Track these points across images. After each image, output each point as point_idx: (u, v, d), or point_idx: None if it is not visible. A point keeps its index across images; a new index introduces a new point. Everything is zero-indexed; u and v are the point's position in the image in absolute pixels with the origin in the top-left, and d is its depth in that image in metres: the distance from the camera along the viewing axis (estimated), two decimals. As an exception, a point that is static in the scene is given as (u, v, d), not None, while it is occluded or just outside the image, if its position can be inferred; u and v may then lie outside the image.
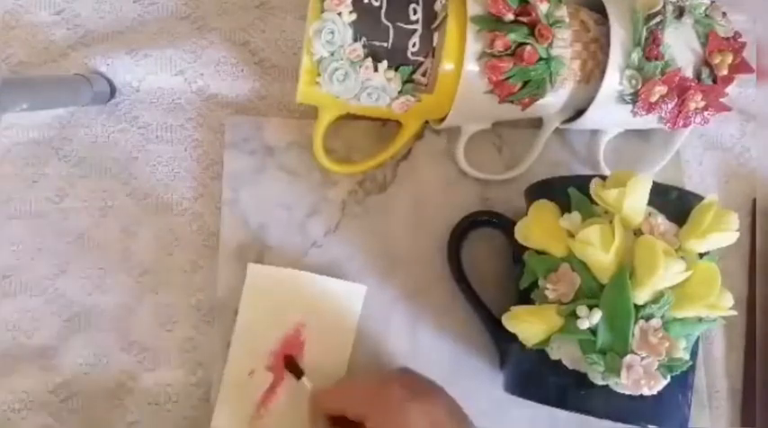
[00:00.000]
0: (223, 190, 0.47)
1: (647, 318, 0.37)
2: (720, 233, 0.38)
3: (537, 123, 0.49)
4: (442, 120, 0.46)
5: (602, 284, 0.38)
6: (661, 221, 0.38)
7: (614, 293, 0.37)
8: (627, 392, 0.37)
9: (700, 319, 0.38)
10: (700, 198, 0.40)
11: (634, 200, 0.38)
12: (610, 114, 0.45)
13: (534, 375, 0.41)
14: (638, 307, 0.37)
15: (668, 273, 0.36)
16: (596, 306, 0.37)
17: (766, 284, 0.51)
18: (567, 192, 0.40)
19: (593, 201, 0.39)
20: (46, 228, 0.46)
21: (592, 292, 0.38)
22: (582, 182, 0.40)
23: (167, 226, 0.47)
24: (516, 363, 0.43)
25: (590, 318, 0.37)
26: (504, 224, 0.45)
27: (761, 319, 0.50)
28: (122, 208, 0.47)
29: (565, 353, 0.38)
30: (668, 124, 0.46)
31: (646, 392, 0.37)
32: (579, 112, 0.46)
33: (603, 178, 0.39)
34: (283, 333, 0.45)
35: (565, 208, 0.40)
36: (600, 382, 0.37)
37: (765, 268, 0.51)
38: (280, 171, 0.48)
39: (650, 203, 0.38)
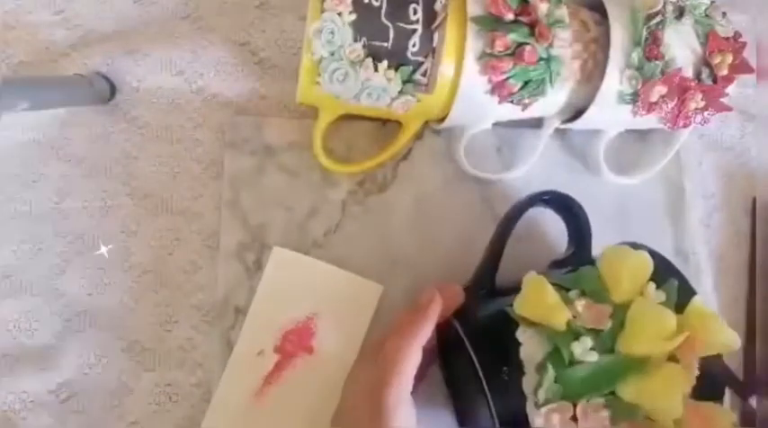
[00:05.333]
0: (223, 190, 0.47)
1: (607, 406, 0.35)
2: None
3: (537, 123, 0.48)
4: (442, 120, 0.46)
5: (614, 350, 0.35)
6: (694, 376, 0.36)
7: (617, 367, 0.35)
8: (530, 418, 0.35)
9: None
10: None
11: (711, 341, 0.35)
12: (610, 114, 0.45)
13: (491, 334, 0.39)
14: (614, 393, 0.35)
15: (667, 412, 0.34)
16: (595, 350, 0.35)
17: (766, 284, 0.51)
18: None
19: (679, 311, 0.37)
20: (46, 228, 0.46)
21: (604, 345, 0.35)
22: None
23: (167, 226, 0.47)
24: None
25: (584, 354, 0.35)
26: (564, 203, 0.43)
27: (761, 319, 0.50)
28: (122, 208, 0.47)
29: (530, 343, 0.36)
30: (668, 124, 0.46)
31: None
32: (579, 112, 0.46)
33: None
34: (296, 318, 0.45)
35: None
36: (525, 390, 0.36)
37: (765, 268, 0.51)
38: (280, 171, 0.48)
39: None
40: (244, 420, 0.44)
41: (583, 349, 0.35)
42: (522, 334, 0.37)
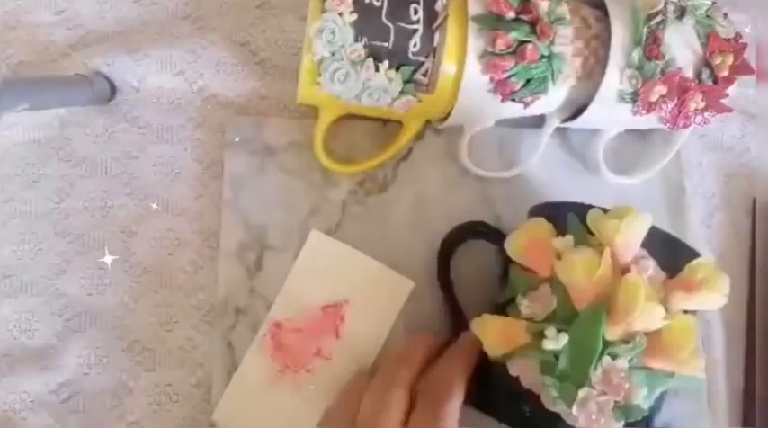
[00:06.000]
0: (223, 190, 0.47)
1: (614, 357, 0.36)
2: (708, 293, 0.37)
3: (537, 122, 0.49)
4: (444, 119, 0.46)
5: (576, 311, 0.37)
6: (651, 266, 0.37)
7: (586, 322, 0.36)
8: (575, 425, 0.36)
9: (668, 375, 0.37)
10: (696, 254, 0.39)
11: (628, 236, 0.37)
12: (610, 113, 0.45)
13: (494, 389, 0.40)
14: (607, 343, 0.35)
15: (646, 316, 0.35)
16: (565, 330, 0.36)
17: (766, 284, 0.51)
18: (567, 217, 0.40)
19: (591, 232, 0.38)
20: (46, 228, 0.46)
21: (565, 317, 0.37)
22: (585, 211, 0.39)
23: (167, 226, 0.47)
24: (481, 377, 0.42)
25: (557, 341, 0.36)
26: (496, 237, 0.44)
27: (761, 319, 0.50)
28: (122, 208, 0.47)
29: (523, 371, 0.37)
30: (668, 124, 0.46)
31: None
32: (579, 110, 0.46)
33: (605, 211, 0.38)
34: (326, 302, 0.45)
35: (562, 232, 0.39)
36: (552, 407, 0.36)
37: (765, 268, 0.51)
38: (280, 171, 0.48)
39: (646, 246, 0.38)
40: (261, 404, 0.44)
41: (552, 339, 0.36)
42: (513, 369, 0.38)
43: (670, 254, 0.39)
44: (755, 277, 0.51)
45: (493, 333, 0.39)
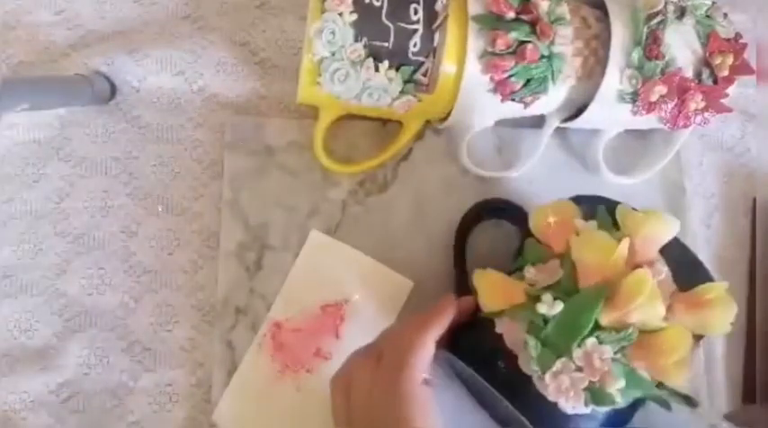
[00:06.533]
0: (223, 190, 0.47)
1: (601, 342, 0.36)
2: (713, 314, 0.37)
3: (537, 123, 0.49)
4: (444, 119, 0.46)
5: (578, 289, 0.37)
6: (665, 273, 0.37)
7: (585, 299, 0.36)
8: (544, 394, 0.36)
9: (650, 383, 0.37)
10: (711, 278, 0.39)
11: (651, 234, 0.37)
12: (610, 113, 0.45)
13: (475, 341, 0.39)
14: (598, 326, 0.36)
15: (645, 310, 0.35)
16: (562, 300, 0.36)
17: (766, 284, 0.51)
18: (597, 210, 0.40)
19: (617, 227, 0.39)
20: (46, 228, 0.46)
21: (566, 290, 0.37)
22: (614, 206, 0.40)
23: (167, 226, 0.47)
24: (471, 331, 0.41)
25: (551, 307, 0.36)
26: (515, 214, 0.44)
27: (761, 319, 0.50)
28: (122, 208, 0.47)
29: (509, 330, 0.38)
30: (668, 124, 0.46)
31: (561, 404, 0.36)
32: (580, 110, 0.46)
33: (634, 210, 0.39)
34: (326, 302, 0.45)
35: (587, 220, 0.40)
36: (527, 370, 0.36)
37: (765, 267, 0.51)
38: (280, 171, 0.48)
39: (665, 255, 0.38)
40: (261, 404, 0.44)
41: (547, 303, 0.36)
42: (500, 327, 0.38)
43: (687, 271, 0.39)
44: (755, 277, 0.51)
45: (491, 287, 0.39)
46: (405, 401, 0.34)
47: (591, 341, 0.35)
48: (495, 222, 0.47)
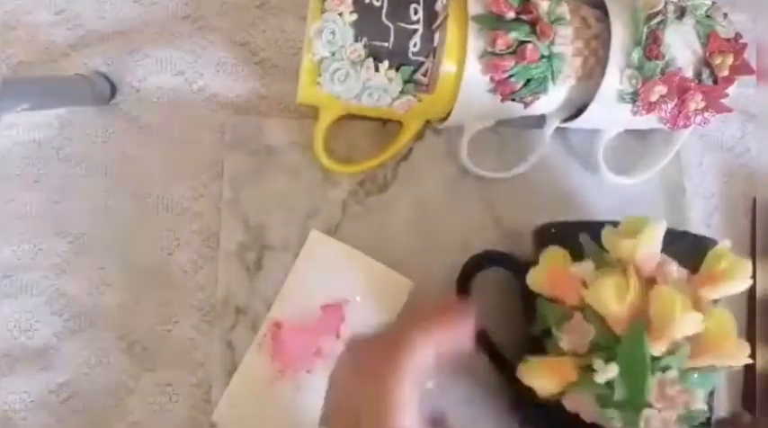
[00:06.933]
0: (223, 190, 0.47)
1: (664, 370, 0.36)
2: (733, 281, 0.37)
3: (537, 122, 0.49)
4: (444, 119, 0.46)
5: (616, 336, 0.37)
6: (675, 269, 0.37)
7: (630, 346, 0.36)
8: None
9: (714, 369, 0.37)
10: (713, 242, 0.39)
11: (647, 249, 0.37)
12: (610, 113, 0.45)
13: (555, 425, 0.40)
14: (654, 359, 0.36)
15: (685, 326, 0.35)
16: (612, 358, 0.36)
17: (766, 283, 0.51)
18: (577, 237, 0.39)
19: (604, 248, 0.38)
20: (46, 228, 0.46)
21: (607, 344, 0.37)
22: (593, 229, 0.39)
23: (167, 226, 0.47)
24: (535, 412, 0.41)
25: (606, 372, 0.36)
26: (514, 266, 0.44)
27: (761, 319, 0.50)
28: (122, 208, 0.47)
29: (581, 406, 0.38)
30: (668, 124, 0.46)
31: None
32: (580, 110, 0.46)
33: (615, 224, 0.39)
34: (326, 302, 0.45)
35: (575, 252, 0.39)
36: None
37: (765, 267, 0.51)
38: (280, 171, 0.48)
39: (663, 250, 0.38)
40: (261, 404, 0.44)
41: (602, 371, 0.36)
42: (570, 406, 0.38)
43: (688, 248, 0.39)
44: (755, 276, 0.51)
45: (541, 375, 0.39)
46: (386, 397, 0.34)
47: (657, 377, 0.36)
48: (494, 270, 0.46)
